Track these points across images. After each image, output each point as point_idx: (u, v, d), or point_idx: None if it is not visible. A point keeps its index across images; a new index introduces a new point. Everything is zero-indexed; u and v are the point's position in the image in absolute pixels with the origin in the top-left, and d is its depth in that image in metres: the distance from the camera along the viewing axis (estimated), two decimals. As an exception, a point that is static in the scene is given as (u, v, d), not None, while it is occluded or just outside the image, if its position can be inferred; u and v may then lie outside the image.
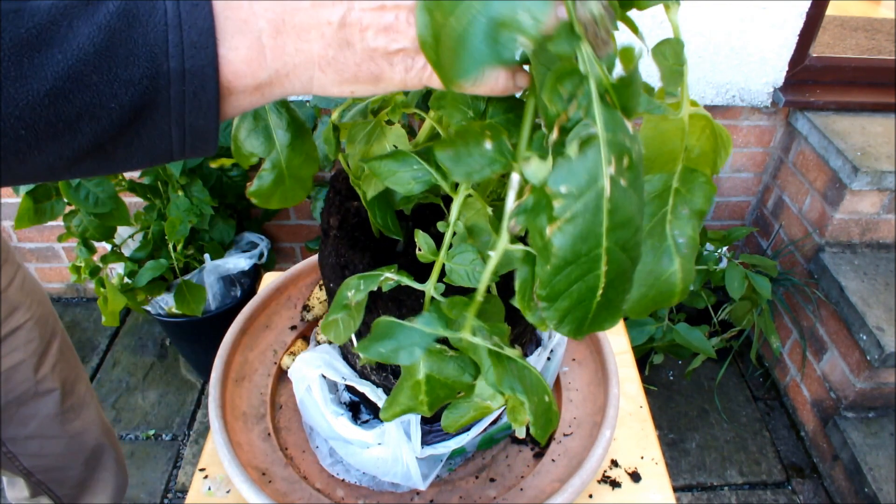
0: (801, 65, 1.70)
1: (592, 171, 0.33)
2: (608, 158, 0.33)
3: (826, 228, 1.66)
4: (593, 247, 0.34)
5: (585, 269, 0.34)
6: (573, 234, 0.33)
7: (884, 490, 1.46)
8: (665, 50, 0.40)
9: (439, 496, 0.70)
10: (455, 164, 0.38)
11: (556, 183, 0.33)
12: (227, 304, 1.65)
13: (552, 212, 0.33)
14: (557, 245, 0.33)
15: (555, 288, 0.35)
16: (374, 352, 0.46)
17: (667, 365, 1.95)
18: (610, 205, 0.33)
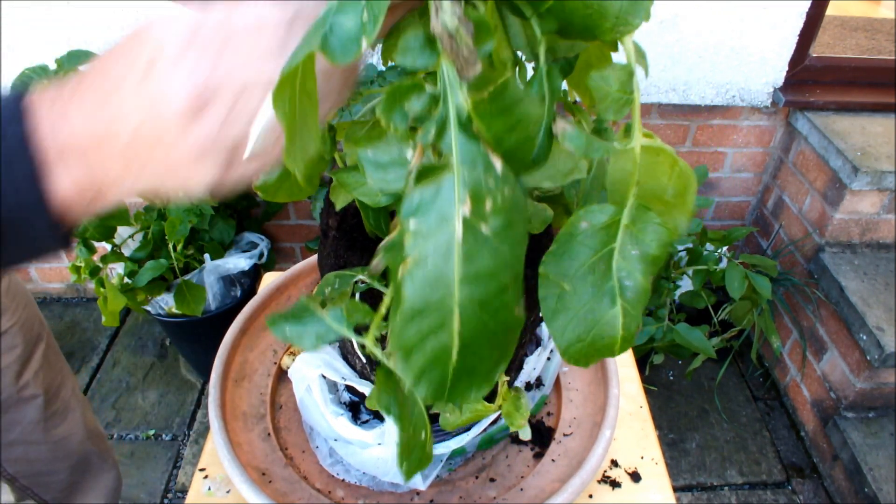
0: (801, 65, 1.70)
1: (443, 210, 0.29)
2: (462, 198, 0.29)
3: (826, 228, 1.67)
4: (444, 296, 0.30)
5: (437, 324, 0.30)
6: (422, 278, 0.29)
7: (884, 490, 1.46)
8: (609, 75, 0.36)
9: (439, 496, 0.70)
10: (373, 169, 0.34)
11: (406, 214, 0.29)
12: (227, 304, 1.65)
13: (404, 249, 0.29)
14: (406, 290, 0.30)
15: (406, 341, 0.31)
16: (279, 329, 0.43)
17: (667, 365, 1.95)
18: (464, 251, 0.29)
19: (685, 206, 0.40)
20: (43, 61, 1.46)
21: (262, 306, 0.87)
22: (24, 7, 1.48)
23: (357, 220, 0.62)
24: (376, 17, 0.27)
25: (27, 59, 1.54)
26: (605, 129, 0.39)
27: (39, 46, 1.54)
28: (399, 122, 0.30)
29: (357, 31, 0.28)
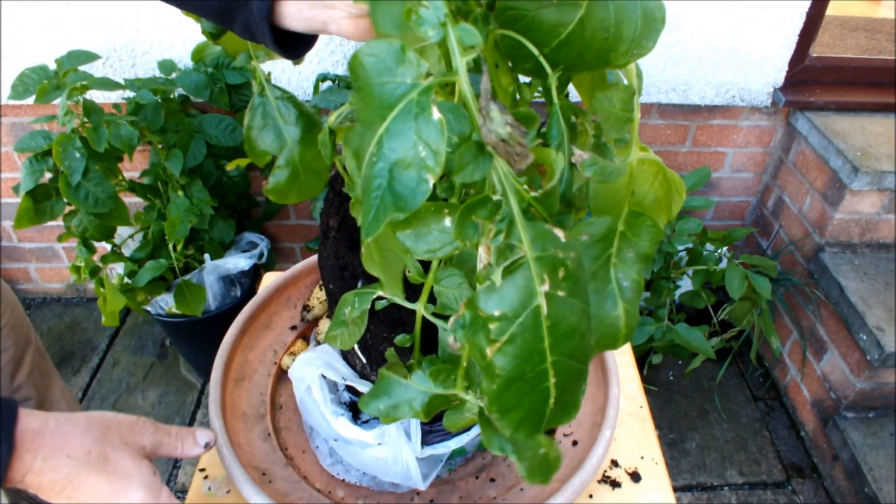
0: (801, 65, 1.70)
1: (525, 293, 0.31)
2: (541, 277, 0.31)
3: (826, 228, 1.67)
4: (538, 363, 0.32)
5: (533, 384, 0.32)
6: (514, 354, 0.31)
7: (884, 490, 1.46)
8: (612, 96, 0.38)
9: (439, 496, 0.70)
10: (416, 243, 0.36)
11: (489, 307, 0.31)
12: (227, 304, 1.65)
13: (489, 334, 0.31)
14: (500, 365, 0.32)
15: (504, 403, 0.33)
16: (375, 409, 0.47)
17: (667, 365, 1.95)
18: (549, 321, 0.31)
19: (666, 209, 0.43)
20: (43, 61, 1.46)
21: (262, 306, 0.87)
22: (24, 7, 1.48)
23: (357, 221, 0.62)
24: (436, 152, 0.29)
25: (27, 59, 1.54)
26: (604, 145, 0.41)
27: (39, 46, 1.54)
28: (471, 233, 0.32)
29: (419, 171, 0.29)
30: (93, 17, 1.50)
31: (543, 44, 0.34)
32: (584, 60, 0.35)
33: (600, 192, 0.41)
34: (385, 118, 0.29)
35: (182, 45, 1.56)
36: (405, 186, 0.29)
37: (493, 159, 0.31)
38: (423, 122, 0.29)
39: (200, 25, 0.59)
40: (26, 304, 2.10)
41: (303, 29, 0.50)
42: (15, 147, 1.38)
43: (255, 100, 0.57)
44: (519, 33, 0.34)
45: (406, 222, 0.37)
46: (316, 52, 1.57)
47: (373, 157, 0.30)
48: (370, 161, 0.30)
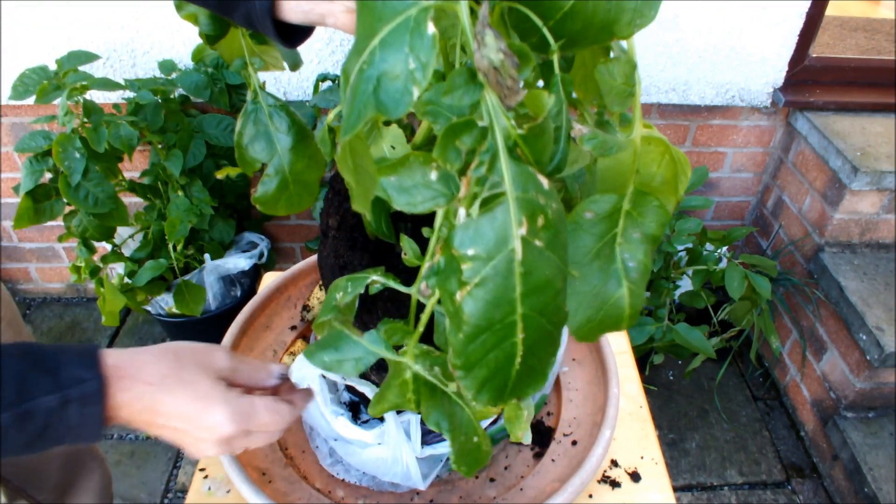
0: (801, 65, 1.70)
1: (502, 233, 0.30)
2: (519, 219, 0.30)
3: (826, 228, 1.67)
4: (507, 313, 0.31)
5: (501, 337, 0.31)
6: (484, 299, 0.30)
7: (884, 490, 1.46)
8: (613, 69, 0.37)
9: (439, 496, 0.70)
10: (398, 193, 0.35)
11: (463, 245, 0.30)
12: (227, 304, 1.65)
13: (461, 276, 0.30)
14: (468, 311, 0.31)
15: (470, 357, 0.32)
16: (318, 360, 0.46)
17: (667, 365, 1.95)
18: (523, 268, 0.30)
19: (674, 190, 0.43)
20: (43, 61, 1.46)
21: (262, 306, 0.87)
22: (24, 7, 1.48)
23: (357, 220, 0.62)
24: (425, 65, 0.28)
25: (27, 59, 1.54)
26: (607, 122, 0.40)
27: (39, 46, 1.54)
28: (454, 159, 0.31)
29: (406, 83, 0.29)
30: (93, 17, 1.50)
31: (548, 17, 0.34)
32: (588, 33, 0.35)
33: (605, 172, 0.41)
34: (381, 31, 0.29)
35: (182, 45, 1.56)
36: (390, 96, 0.29)
37: (484, 89, 0.30)
38: (417, 37, 0.28)
39: (199, 29, 0.59)
40: (26, 304, 2.10)
41: (301, 21, 0.51)
42: (15, 147, 1.38)
43: (247, 106, 0.56)
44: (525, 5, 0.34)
45: (392, 168, 0.35)
46: (316, 52, 1.57)
47: (363, 65, 0.29)
48: (360, 69, 0.30)
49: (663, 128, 1.78)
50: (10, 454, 0.43)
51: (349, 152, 0.36)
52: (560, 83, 0.36)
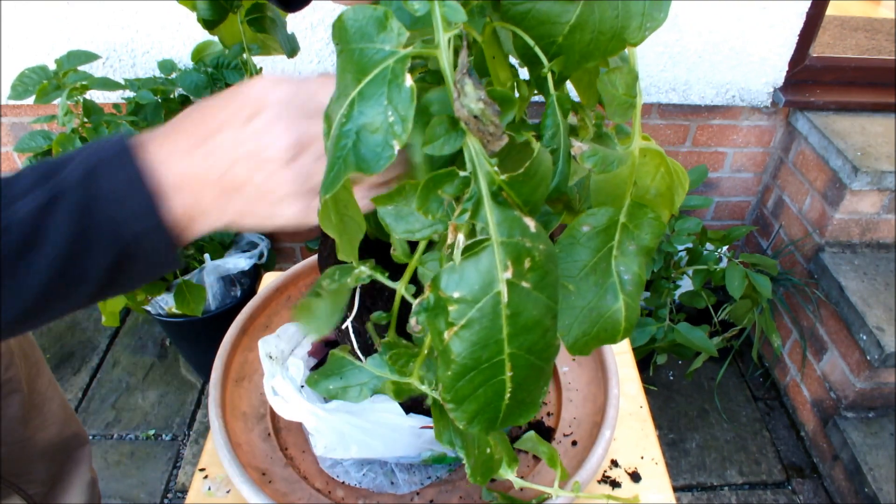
0: (801, 65, 1.70)
1: (487, 277, 0.30)
2: (504, 263, 0.30)
3: (826, 228, 1.67)
4: (494, 353, 0.31)
5: (489, 375, 0.32)
6: (471, 340, 0.31)
7: (884, 490, 1.46)
8: (615, 79, 0.37)
9: (439, 496, 0.70)
10: (396, 221, 0.36)
11: (449, 288, 0.31)
12: (227, 304, 1.65)
13: (448, 316, 0.31)
14: (456, 351, 0.31)
15: (458, 392, 0.32)
16: (323, 388, 0.46)
17: (667, 365, 1.95)
18: (510, 310, 0.31)
19: (669, 203, 0.43)
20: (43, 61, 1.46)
21: (262, 306, 0.87)
22: (24, 7, 1.48)
23: (357, 220, 0.62)
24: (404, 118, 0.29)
25: (27, 59, 1.54)
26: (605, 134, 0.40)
27: (39, 46, 1.54)
28: (435, 208, 0.32)
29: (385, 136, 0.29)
30: (93, 17, 1.50)
31: (556, 33, 0.34)
32: (599, 44, 0.34)
33: (601, 184, 0.41)
34: (360, 82, 0.29)
35: (182, 45, 1.56)
36: (370, 150, 0.29)
37: (466, 136, 0.30)
38: (395, 89, 0.29)
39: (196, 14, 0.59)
40: (26, 304, 2.10)
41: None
42: (15, 147, 1.38)
43: None
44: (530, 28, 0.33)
45: (389, 198, 0.36)
46: (316, 52, 1.57)
47: (343, 118, 0.30)
48: (340, 122, 0.30)
49: (663, 128, 1.78)
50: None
51: (332, 206, 0.35)
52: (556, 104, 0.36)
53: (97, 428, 1.73)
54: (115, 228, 0.37)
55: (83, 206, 0.36)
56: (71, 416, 0.98)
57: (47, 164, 0.38)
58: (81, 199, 0.36)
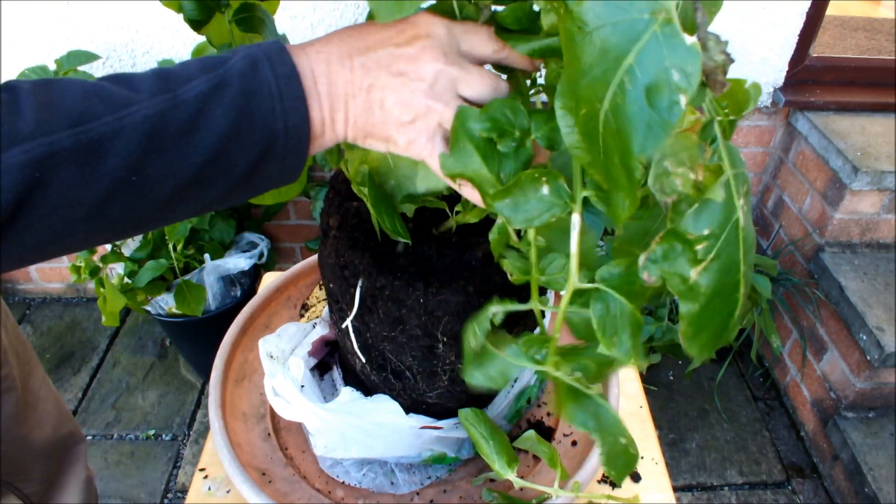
0: (802, 65, 1.70)
1: (728, 207, 0.34)
2: (738, 191, 0.34)
3: (826, 228, 1.67)
4: (735, 274, 0.35)
5: (727, 297, 0.36)
6: (718, 269, 0.34)
7: (884, 490, 1.46)
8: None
9: (439, 496, 0.70)
10: (514, 212, 0.39)
11: (699, 227, 0.34)
12: (227, 304, 1.65)
13: (695, 255, 0.34)
14: (705, 284, 0.34)
15: (701, 324, 0.36)
16: (475, 378, 0.48)
17: (667, 365, 1.95)
18: (744, 232, 0.34)
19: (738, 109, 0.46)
20: (43, 61, 1.46)
21: (262, 306, 0.87)
22: (23, 7, 1.48)
23: (358, 220, 0.62)
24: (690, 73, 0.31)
25: (27, 59, 1.54)
26: None
27: (39, 46, 1.54)
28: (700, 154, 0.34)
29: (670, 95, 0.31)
30: (93, 17, 1.50)
31: None
32: None
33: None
34: (628, 51, 0.31)
35: (182, 45, 1.56)
36: (659, 108, 0.31)
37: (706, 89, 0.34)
38: (671, 49, 0.31)
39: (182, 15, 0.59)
40: (26, 304, 2.10)
41: None
42: (15, 147, 1.37)
43: None
44: None
45: (505, 191, 0.39)
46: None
47: (624, 84, 0.32)
48: (620, 90, 0.32)
49: (663, 128, 1.78)
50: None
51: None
52: None
53: (97, 428, 1.73)
54: (269, 120, 0.39)
55: (246, 95, 0.38)
56: (66, 414, 0.98)
57: (211, 57, 0.40)
58: (245, 87, 0.38)
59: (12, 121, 0.34)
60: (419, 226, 0.62)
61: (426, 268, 0.57)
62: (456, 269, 0.57)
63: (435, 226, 0.63)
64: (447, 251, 0.59)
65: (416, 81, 0.41)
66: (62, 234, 0.37)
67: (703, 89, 0.34)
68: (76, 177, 0.35)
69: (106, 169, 0.35)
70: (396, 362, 0.62)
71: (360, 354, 0.64)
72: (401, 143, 0.44)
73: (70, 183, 0.35)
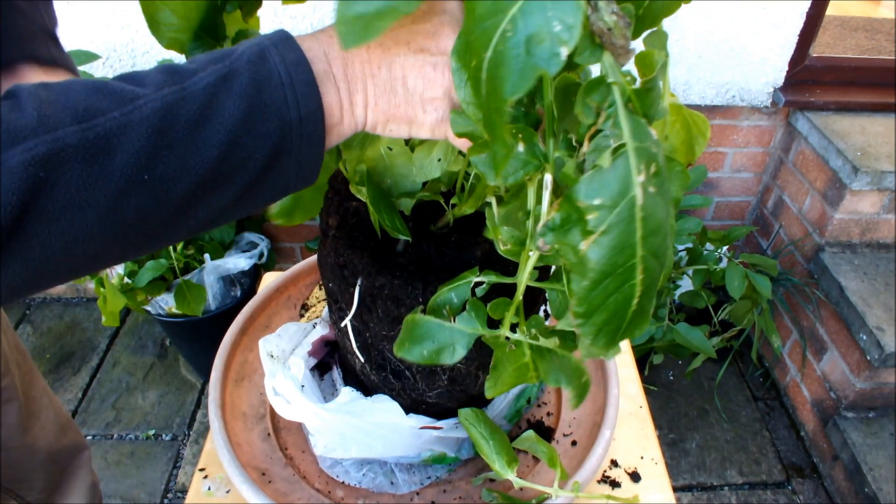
0: (802, 65, 1.70)
1: (624, 181, 0.32)
2: (638, 167, 0.33)
3: (826, 228, 1.66)
4: (629, 257, 0.33)
5: (622, 280, 0.34)
6: (609, 245, 0.33)
7: (884, 490, 1.46)
8: (653, 41, 0.41)
9: (439, 496, 0.70)
10: (489, 168, 0.38)
11: (590, 196, 0.33)
12: (227, 304, 1.65)
13: (586, 226, 0.33)
14: (594, 259, 0.33)
15: (592, 303, 0.34)
16: (416, 353, 0.47)
17: (667, 365, 1.95)
18: (643, 213, 0.33)
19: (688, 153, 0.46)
20: (43, 61, 1.46)
21: (262, 306, 0.87)
22: (24, 7, 1.48)
23: (357, 220, 0.62)
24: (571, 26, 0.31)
25: (27, 59, 1.53)
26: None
27: (39, 46, 1.54)
28: (588, 115, 0.34)
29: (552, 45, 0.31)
30: (93, 17, 1.50)
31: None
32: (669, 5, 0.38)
33: None
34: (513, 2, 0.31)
35: (182, 45, 1.55)
36: (539, 58, 0.31)
37: (603, 51, 0.33)
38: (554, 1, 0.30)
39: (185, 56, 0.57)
40: (26, 304, 2.10)
41: None
42: (15, 147, 1.38)
43: None
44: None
45: (482, 146, 0.38)
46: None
47: (506, 33, 0.31)
48: (502, 38, 0.31)
49: (663, 128, 1.78)
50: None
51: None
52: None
53: (97, 428, 1.73)
54: (282, 109, 0.38)
55: (255, 83, 0.37)
56: (68, 422, 0.98)
57: (220, 50, 0.39)
58: (254, 76, 0.37)
59: (13, 118, 0.32)
60: (418, 224, 0.62)
61: (425, 267, 0.57)
62: (455, 268, 0.57)
63: (433, 222, 0.63)
64: (446, 250, 0.59)
65: (438, 56, 0.40)
66: (73, 244, 0.34)
67: (599, 50, 0.33)
68: (84, 176, 0.33)
69: (115, 166, 0.33)
70: (396, 362, 0.62)
71: (360, 354, 0.64)
72: (427, 122, 0.42)
73: (78, 183, 0.33)
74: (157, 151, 0.34)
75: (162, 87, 0.35)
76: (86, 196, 0.33)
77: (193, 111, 0.36)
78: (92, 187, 0.33)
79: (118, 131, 0.34)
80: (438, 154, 0.52)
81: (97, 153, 0.33)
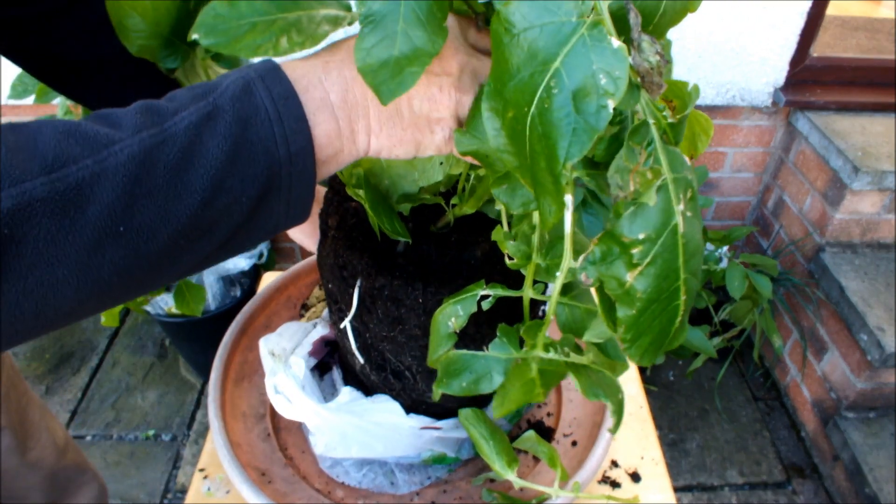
0: (802, 65, 1.69)
1: (666, 213, 0.33)
2: (677, 196, 0.33)
3: (826, 228, 1.66)
4: (673, 281, 0.34)
5: (666, 303, 0.35)
6: (655, 275, 0.34)
7: (884, 490, 1.46)
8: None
9: (439, 496, 0.70)
10: (510, 198, 0.40)
11: (634, 231, 0.33)
12: (227, 304, 1.65)
13: (631, 259, 0.34)
14: (641, 289, 0.34)
15: (639, 328, 0.36)
16: (455, 387, 0.47)
17: (667, 365, 1.95)
18: (684, 239, 0.34)
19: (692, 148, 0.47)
20: (43, 61, 1.46)
21: (261, 306, 0.87)
22: (23, 7, 1.48)
23: (356, 220, 0.62)
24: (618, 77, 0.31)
25: (27, 58, 1.53)
26: None
27: (39, 46, 1.54)
28: (631, 159, 0.35)
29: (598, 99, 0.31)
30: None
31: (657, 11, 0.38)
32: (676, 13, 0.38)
33: None
34: (555, 55, 0.31)
35: (182, 45, 1.55)
36: (587, 114, 0.31)
37: (640, 90, 0.34)
38: (598, 52, 0.30)
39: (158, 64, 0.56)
40: (26, 305, 2.10)
41: None
42: (15, 147, 1.37)
43: None
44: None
45: (503, 178, 0.39)
46: (316, 51, 1.57)
47: (551, 89, 0.31)
48: (547, 94, 0.31)
49: (664, 128, 1.78)
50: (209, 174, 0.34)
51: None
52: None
53: (97, 428, 1.73)
54: (270, 148, 0.35)
55: (241, 121, 0.35)
56: (68, 443, 0.98)
57: (202, 84, 0.37)
58: (239, 113, 0.35)
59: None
60: (417, 224, 0.62)
61: (425, 267, 0.57)
62: (455, 269, 0.57)
63: (432, 222, 0.63)
64: (446, 250, 0.59)
65: (443, 76, 0.40)
66: (43, 301, 0.31)
67: (637, 91, 0.33)
68: (53, 231, 0.30)
69: (88, 219, 0.31)
70: (396, 362, 0.62)
71: (360, 355, 0.64)
72: (434, 143, 0.41)
73: (47, 238, 0.30)
74: (133, 201, 0.32)
75: (140, 130, 0.33)
76: (55, 252, 0.31)
77: (174, 155, 0.33)
78: (62, 242, 0.31)
79: (91, 181, 0.31)
80: (440, 157, 0.52)
81: (68, 206, 0.31)
